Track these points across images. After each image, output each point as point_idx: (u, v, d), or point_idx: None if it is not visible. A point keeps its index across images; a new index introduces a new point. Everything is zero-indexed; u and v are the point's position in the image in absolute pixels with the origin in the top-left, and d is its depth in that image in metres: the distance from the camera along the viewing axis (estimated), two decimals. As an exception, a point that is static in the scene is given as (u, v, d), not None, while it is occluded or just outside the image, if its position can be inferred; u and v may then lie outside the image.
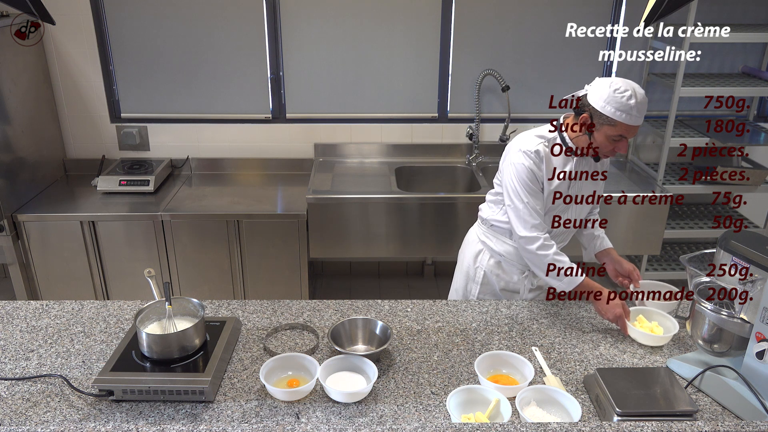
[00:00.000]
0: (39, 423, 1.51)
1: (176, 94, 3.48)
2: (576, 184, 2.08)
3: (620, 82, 1.87)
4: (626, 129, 1.88)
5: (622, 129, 1.88)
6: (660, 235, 3.27)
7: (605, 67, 3.53)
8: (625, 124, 1.87)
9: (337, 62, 3.43)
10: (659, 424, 1.30)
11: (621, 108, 1.85)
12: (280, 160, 3.61)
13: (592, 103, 1.90)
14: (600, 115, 1.89)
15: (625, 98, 1.84)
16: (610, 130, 1.90)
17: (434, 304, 2.10)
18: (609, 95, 1.86)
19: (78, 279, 3.14)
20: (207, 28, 3.35)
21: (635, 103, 1.84)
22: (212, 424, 1.52)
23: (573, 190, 2.10)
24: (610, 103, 1.86)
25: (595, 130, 1.93)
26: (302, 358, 1.71)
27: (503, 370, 1.73)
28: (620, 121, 1.86)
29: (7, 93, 3.02)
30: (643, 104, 1.86)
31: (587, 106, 1.92)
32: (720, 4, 3.39)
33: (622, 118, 1.86)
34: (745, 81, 3.33)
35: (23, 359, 1.77)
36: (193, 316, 1.80)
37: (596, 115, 1.90)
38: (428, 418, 1.55)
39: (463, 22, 3.38)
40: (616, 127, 1.88)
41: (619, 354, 1.83)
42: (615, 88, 1.86)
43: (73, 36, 3.34)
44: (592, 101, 1.90)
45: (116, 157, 3.59)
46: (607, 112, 1.87)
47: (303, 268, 3.19)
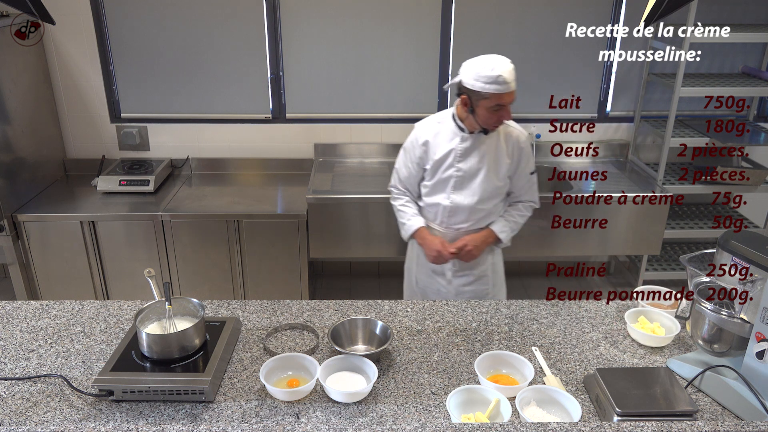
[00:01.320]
0: (39, 423, 1.51)
1: (176, 94, 3.48)
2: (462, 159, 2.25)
3: (483, 58, 2.07)
4: (499, 97, 2.06)
5: (495, 99, 2.06)
6: (660, 235, 3.27)
7: (605, 67, 3.53)
8: (496, 93, 2.04)
9: (337, 62, 3.43)
10: (659, 424, 1.30)
11: (488, 80, 2.04)
12: (280, 160, 3.61)
13: (466, 84, 2.09)
14: (474, 92, 2.08)
15: (488, 71, 2.03)
16: (486, 102, 2.08)
17: (434, 304, 2.10)
18: (476, 73, 2.06)
19: (78, 279, 3.14)
20: (207, 28, 3.35)
21: (499, 73, 2.02)
22: (212, 424, 1.52)
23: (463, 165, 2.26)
24: (479, 80, 2.05)
25: (475, 107, 2.12)
26: (302, 358, 1.71)
27: (503, 370, 1.73)
28: (492, 92, 2.04)
29: (7, 93, 3.02)
30: (507, 71, 2.04)
31: (463, 88, 2.12)
32: (720, 4, 3.39)
33: (492, 89, 2.04)
34: (745, 81, 3.33)
35: (23, 359, 1.77)
36: (193, 316, 1.80)
37: (472, 94, 2.10)
38: (428, 418, 1.55)
39: (463, 22, 3.38)
40: (490, 98, 2.06)
41: (619, 354, 1.83)
42: (479, 65, 2.06)
43: (73, 36, 3.34)
44: (465, 83, 2.09)
45: (116, 157, 3.59)
46: (478, 88, 2.06)
47: (303, 268, 3.19)
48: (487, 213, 2.33)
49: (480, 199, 2.29)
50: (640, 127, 3.61)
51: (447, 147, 2.25)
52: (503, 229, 2.35)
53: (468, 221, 2.33)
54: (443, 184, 2.30)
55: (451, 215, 2.33)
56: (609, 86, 3.58)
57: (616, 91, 3.60)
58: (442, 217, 2.34)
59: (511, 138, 2.27)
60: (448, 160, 2.26)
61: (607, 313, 2.04)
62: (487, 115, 2.12)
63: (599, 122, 3.63)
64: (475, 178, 2.26)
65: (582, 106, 3.58)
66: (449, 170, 2.26)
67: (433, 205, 2.35)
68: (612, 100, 3.61)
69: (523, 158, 2.30)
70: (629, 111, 3.64)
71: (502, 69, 2.03)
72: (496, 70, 2.02)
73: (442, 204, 2.31)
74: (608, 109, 3.64)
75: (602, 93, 3.59)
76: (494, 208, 2.35)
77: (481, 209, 2.31)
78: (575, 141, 3.54)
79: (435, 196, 2.33)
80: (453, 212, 2.32)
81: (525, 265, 4.02)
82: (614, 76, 3.56)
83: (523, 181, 2.35)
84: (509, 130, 2.28)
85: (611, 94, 3.60)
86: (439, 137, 2.27)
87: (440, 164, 2.27)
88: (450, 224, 2.35)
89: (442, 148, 2.26)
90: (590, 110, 3.62)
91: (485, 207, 2.31)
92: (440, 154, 2.25)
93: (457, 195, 2.29)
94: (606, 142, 3.67)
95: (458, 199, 2.29)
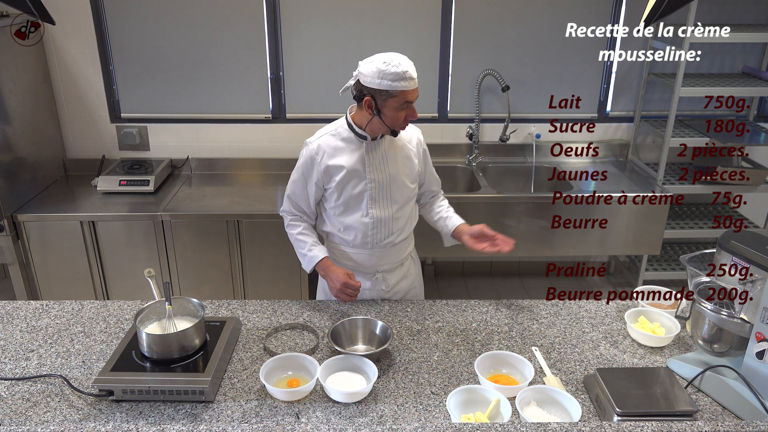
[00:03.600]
0: (39, 423, 1.51)
1: (176, 94, 3.48)
2: (372, 169, 2.07)
3: (383, 56, 1.92)
4: (406, 94, 1.93)
5: (403, 96, 1.92)
6: (660, 235, 3.27)
7: (605, 67, 3.53)
8: (402, 90, 1.91)
9: (337, 62, 3.43)
10: (659, 424, 1.30)
11: (395, 78, 1.89)
12: (280, 160, 3.60)
13: (370, 84, 1.92)
14: (379, 92, 1.92)
15: (392, 68, 1.88)
16: (393, 101, 1.93)
17: (434, 304, 2.10)
18: (379, 71, 1.89)
19: (78, 279, 3.14)
20: (207, 28, 3.35)
21: (405, 68, 1.89)
22: (212, 424, 1.52)
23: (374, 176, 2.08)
24: (384, 77, 1.89)
25: (381, 108, 1.95)
26: (302, 358, 1.71)
27: (503, 370, 1.73)
28: (398, 90, 1.90)
29: (7, 93, 3.02)
30: (412, 67, 1.92)
31: (365, 90, 1.95)
32: (720, 4, 3.39)
33: (400, 86, 1.90)
34: (745, 81, 3.33)
35: (23, 359, 1.77)
36: (193, 316, 1.80)
37: (377, 94, 1.93)
38: (428, 418, 1.55)
39: (463, 22, 3.38)
40: (397, 96, 1.92)
41: (619, 354, 1.83)
42: (382, 63, 1.90)
43: (73, 36, 3.34)
44: (368, 83, 1.92)
45: (116, 157, 3.59)
46: (385, 87, 1.90)
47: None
48: (405, 219, 2.16)
49: (399, 207, 2.11)
50: (640, 127, 3.61)
51: (354, 159, 2.05)
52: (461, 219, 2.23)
53: (392, 233, 2.14)
54: (357, 201, 2.08)
55: (375, 231, 2.11)
56: (609, 86, 3.58)
57: (616, 91, 3.60)
58: (364, 236, 2.12)
59: (413, 139, 2.16)
60: (359, 173, 2.05)
61: (607, 313, 2.04)
62: (395, 115, 1.96)
63: (599, 122, 3.63)
64: (390, 187, 2.08)
65: (582, 106, 3.58)
66: (360, 184, 2.06)
67: (351, 226, 2.11)
68: (612, 100, 3.61)
69: (426, 157, 2.22)
70: (629, 111, 3.64)
71: (407, 65, 1.90)
72: (402, 66, 1.88)
73: (362, 221, 2.09)
74: (608, 109, 3.64)
75: (602, 93, 3.59)
76: (411, 212, 2.19)
77: (399, 217, 2.13)
78: (575, 141, 3.54)
79: (350, 215, 2.10)
80: (375, 228, 2.11)
81: (525, 265, 4.02)
82: (614, 76, 3.56)
83: (432, 176, 2.27)
84: (410, 132, 2.16)
85: (611, 94, 3.60)
86: (340, 152, 2.06)
87: (348, 181, 2.05)
88: (375, 242, 2.13)
89: (349, 163, 2.05)
90: (590, 110, 3.62)
91: (404, 214, 2.15)
92: (346, 170, 2.04)
93: (375, 209, 2.08)
94: (606, 142, 3.67)
95: (377, 213, 2.09)
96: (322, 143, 2.08)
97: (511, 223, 3.18)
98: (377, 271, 2.20)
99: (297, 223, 2.17)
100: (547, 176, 3.58)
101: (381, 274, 2.20)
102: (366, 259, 2.16)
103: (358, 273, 2.17)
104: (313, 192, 2.11)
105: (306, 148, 2.11)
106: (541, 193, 3.43)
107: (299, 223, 2.17)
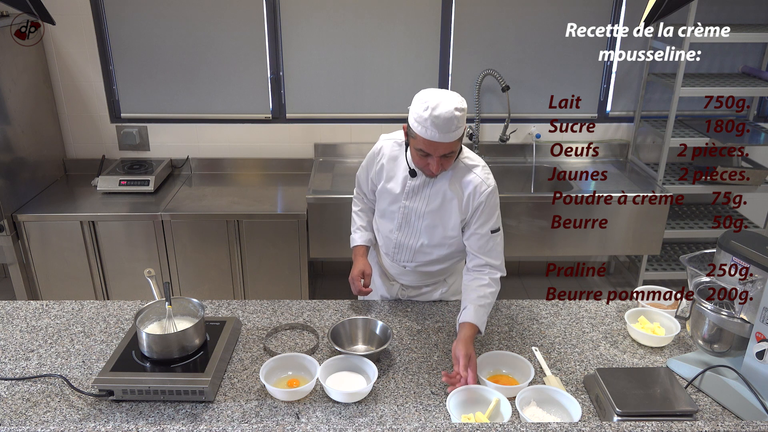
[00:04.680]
0: (39, 423, 1.51)
1: (176, 94, 3.48)
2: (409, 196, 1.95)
3: (429, 93, 1.75)
4: (423, 143, 1.74)
5: (420, 142, 1.75)
6: (660, 235, 3.27)
7: (605, 67, 3.53)
8: (421, 137, 1.73)
9: (337, 62, 3.43)
10: (659, 424, 1.30)
11: (418, 119, 1.73)
12: (280, 160, 3.61)
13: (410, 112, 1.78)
14: (409, 126, 1.79)
15: (422, 109, 1.71)
16: (414, 142, 1.78)
17: (434, 304, 2.11)
18: (415, 105, 1.75)
19: (78, 279, 3.14)
20: (207, 28, 3.35)
21: (429, 116, 1.69)
22: (212, 424, 1.52)
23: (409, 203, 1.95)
24: (413, 114, 1.75)
25: (409, 141, 1.82)
26: (302, 358, 1.71)
27: (503, 370, 1.73)
28: (418, 134, 1.74)
29: (7, 93, 3.02)
30: (441, 119, 1.68)
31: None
32: (720, 4, 3.39)
33: (418, 129, 1.73)
34: (745, 81, 3.33)
35: (23, 359, 1.77)
36: (193, 316, 1.80)
37: (409, 127, 1.79)
38: (428, 418, 1.55)
39: (463, 22, 3.38)
40: (417, 139, 1.76)
41: (619, 354, 1.83)
42: (420, 99, 1.74)
43: (73, 36, 3.34)
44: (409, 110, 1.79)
45: (116, 157, 3.59)
46: (410, 124, 1.77)
47: (303, 268, 3.19)
48: (437, 258, 2.01)
49: (426, 245, 1.98)
50: (640, 127, 3.61)
51: (398, 178, 1.95)
52: (481, 319, 1.81)
53: (413, 261, 2.05)
54: (390, 216, 2.01)
55: (396, 251, 2.05)
56: (609, 86, 3.58)
57: (616, 91, 3.59)
58: (388, 248, 2.08)
59: (469, 187, 1.87)
60: (396, 193, 1.96)
61: (607, 313, 2.04)
62: (415, 157, 1.82)
63: (599, 122, 3.63)
64: (421, 221, 1.95)
65: (582, 106, 3.58)
66: (395, 204, 1.97)
67: (383, 233, 2.08)
68: (612, 100, 3.61)
69: (480, 214, 1.87)
70: (629, 111, 3.64)
71: (438, 111, 1.68)
72: (435, 111, 1.68)
73: (390, 236, 2.04)
74: (608, 109, 3.64)
75: (602, 93, 3.59)
76: (447, 255, 2.01)
77: (428, 252, 2.00)
78: (575, 141, 3.54)
79: (384, 224, 2.06)
80: (398, 248, 2.04)
81: (525, 265, 4.02)
82: (614, 76, 3.56)
83: (481, 241, 1.90)
84: (471, 178, 1.87)
85: (611, 94, 3.60)
86: (394, 164, 1.96)
87: (388, 194, 1.98)
88: (396, 259, 2.08)
89: (392, 179, 1.96)
90: (590, 110, 3.62)
91: (434, 252, 2.00)
92: (389, 185, 1.97)
93: (401, 233, 2.00)
94: (606, 142, 3.67)
95: (402, 238, 2.01)
96: (386, 147, 1.99)
97: (511, 223, 3.18)
98: (396, 281, 2.18)
99: (357, 200, 2.22)
100: (547, 176, 3.58)
101: (400, 285, 2.18)
102: (389, 266, 2.16)
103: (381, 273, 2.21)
104: (369, 183, 2.09)
105: (378, 141, 2.03)
106: (541, 193, 3.43)
107: (358, 202, 2.21)
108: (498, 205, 1.92)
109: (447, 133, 1.71)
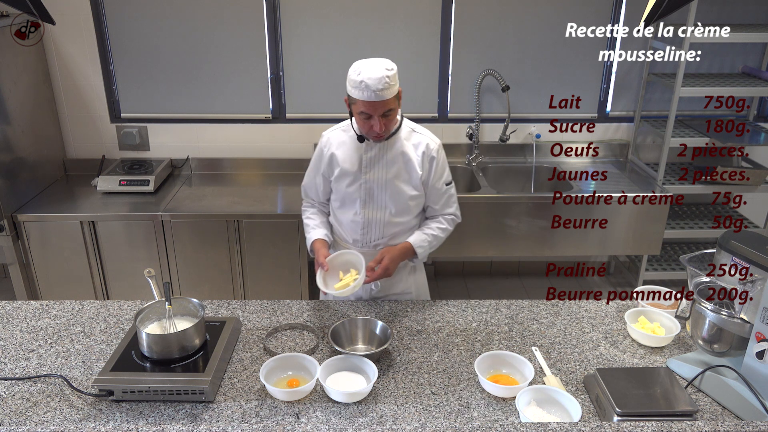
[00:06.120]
0: (39, 423, 1.51)
1: (176, 94, 3.48)
2: (368, 170, 2.07)
3: (360, 62, 1.92)
4: (363, 105, 1.90)
5: (360, 105, 1.91)
6: (660, 235, 3.27)
7: (605, 67, 3.53)
8: (359, 100, 1.89)
9: (337, 62, 3.43)
10: (659, 424, 1.30)
11: (353, 84, 1.89)
12: (280, 160, 3.61)
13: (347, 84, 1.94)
14: (349, 95, 1.95)
15: (355, 74, 1.88)
16: (355, 107, 1.94)
17: (434, 304, 2.10)
18: (349, 74, 1.91)
19: (78, 279, 3.14)
20: (207, 28, 3.35)
21: (362, 79, 1.86)
22: (212, 424, 1.52)
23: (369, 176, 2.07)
24: (349, 82, 1.92)
25: (352, 110, 1.98)
26: (302, 358, 1.71)
27: (503, 370, 1.73)
28: (356, 98, 1.90)
29: (7, 93, 3.02)
30: (373, 79, 1.85)
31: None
32: (720, 4, 3.39)
33: (355, 94, 1.89)
34: (745, 81, 3.33)
35: (23, 359, 1.77)
36: (193, 316, 1.80)
37: (349, 96, 1.95)
38: (428, 418, 1.55)
39: (463, 22, 3.38)
40: (357, 104, 1.92)
41: (619, 354, 1.83)
42: (353, 68, 1.91)
43: (73, 36, 3.34)
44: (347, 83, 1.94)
45: (116, 157, 3.59)
46: (349, 92, 1.93)
47: (303, 268, 3.19)
48: (403, 228, 2.12)
49: (393, 213, 2.08)
50: (640, 127, 3.61)
51: (352, 158, 2.06)
52: (421, 244, 2.08)
53: (384, 236, 2.12)
54: (351, 199, 2.09)
55: (365, 232, 2.12)
56: (609, 86, 3.59)
57: (616, 91, 3.60)
58: (355, 234, 2.13)
59: (421, 146, 2.06)
60: (353, 172, 2.06)
61: (607, 313, 2.04)
62: (359, 121, 1.96)
63: (599, 122, 3.63)
64: (385, 191, 2.06)
65: (582, 106, 3.58)
66: (355, 183, 2.07)
67: (345, 222, 2.14)
68: (612, 100, 3.61)
69: (435, 169, 2.07)
70: (629, 111, 3.64)
71: (367, 74, 1.85)
72: (362, 75, 1.85)
73: (353, 220, 2.11)
74: (608, 109, 3.64)
75: (602, 93, 3.59)
76: (411, 221, 2.14)
77: (395, 223, 2.10)
78: (575, 141, 3.54)
79: (345, 212, 2.13)
80: (366, 228, 2.11)
81: (525, 265, 4.02)
82: (614, 76, 3.57)
83: (438, 193, 2.11)
84: (419, 139, 2.07)
85: (611, 94, 3.60)
86: (344, 147, 2.08)
87: (344, 177, 2.07)
88: (366, 242, 2.13)
89: (347, 160, 2.06)
90: (590, 110, 3.62)
91: (400, 220, 2.10)
92: (345, 166, 2.06)
93: (367, 209, 2.09)
94: (606, 142, 3.67)
95: (370, 214, 2.09)
96: (332, 137, 2.13)
97: (511, 223, 3.18)
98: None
99: (306, 208, 2.27)
100: (547, 176, 3.58)
101: None
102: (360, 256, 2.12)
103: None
104: (321, 183, 2.17)
105: (321, 138, 2.15)
106: (541, 193, 3.43)
107: (308, 208, 2.26)
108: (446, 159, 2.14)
109: (381, 91, 1.86)
